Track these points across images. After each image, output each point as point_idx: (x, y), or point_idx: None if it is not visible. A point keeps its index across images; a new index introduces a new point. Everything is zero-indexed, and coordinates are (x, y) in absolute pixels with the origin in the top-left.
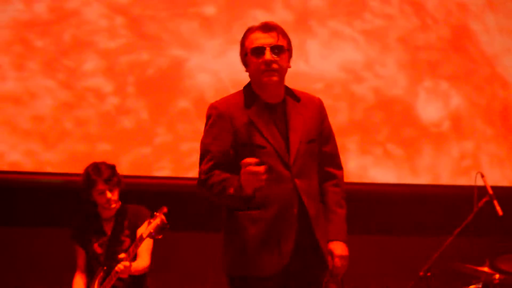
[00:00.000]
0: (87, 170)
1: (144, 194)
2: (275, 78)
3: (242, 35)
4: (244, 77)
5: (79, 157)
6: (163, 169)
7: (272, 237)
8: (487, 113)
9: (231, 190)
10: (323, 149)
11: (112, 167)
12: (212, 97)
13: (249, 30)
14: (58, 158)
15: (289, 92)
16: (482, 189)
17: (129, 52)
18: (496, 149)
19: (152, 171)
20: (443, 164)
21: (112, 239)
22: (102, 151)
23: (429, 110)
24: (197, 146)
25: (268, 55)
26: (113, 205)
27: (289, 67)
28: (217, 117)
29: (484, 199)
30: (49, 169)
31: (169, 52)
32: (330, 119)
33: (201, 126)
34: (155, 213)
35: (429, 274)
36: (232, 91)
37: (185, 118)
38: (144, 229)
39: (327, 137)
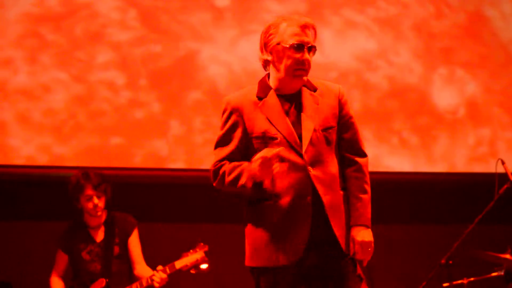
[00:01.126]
0: (76, 176)
1: (158, 186)
2: (305, 78)
3: (271, 22)
4: (256, 68)
5: (93, 150)
6: (177, 161)
7: (287, 227)
8: (503, 100)
9: (242, 181)
10: (344, 136)
11: (101, 175)
12: (224, 89)
13: (286, 21)
14: (72, 152)
15: (308, 82)
16: (502, 176)
17: (142, 45)
18: None
19: (166, 163)
20: (459, 151)
21: (104, 247)
22: (116, 144)
23: (444, 98)
24: (210, 137)
25: (306, 55)
26: (99, 213)
27: None
28: (230, 112)
29: (506, 186)
30: (63, 163)
31: (181, 44)
32: None
33: (214, 118)
34: (197, 247)
35: (450, 262)
36: (245, 82)
37: (198, 110)
38: (181, 261)
39: (347, 124)
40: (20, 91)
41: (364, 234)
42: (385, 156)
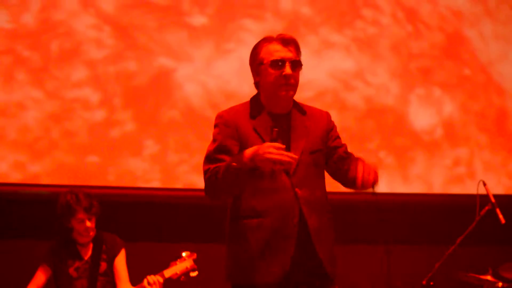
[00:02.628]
0: (65, 198)
1: (133, 205)
2: (291, 93)
3: (255, 45)
4: (232, 88)
5: (68, 168)
6: (152, 180)
7: (272, 246)
8: (481, 120)
9: (233, 164)
10: (339, 151)
11: (90, 196)
12: (200, 108)
13: (266, 40)
14: (46, 170)
15: (296, 105)
16: (482, 197)
17: (117, 62)
18: (491, 157)
19: (140, 182)
20: (436, 172)
21: (91, 264)
22: (90, 163)
23: (422, 118)
24: (185, 157)
25: (288, 69)
26: (91, 233)
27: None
28: (223, 125)
29: (487, 208)
30: (37, 181)
31: (157, 62)
32: None
33: (189, 137)
34: (185, 256)
35: (432, 283)
36: (221, 101)
37: (173, 128)
38: (171, 270)
39: (337, 142)
40: None
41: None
42: None
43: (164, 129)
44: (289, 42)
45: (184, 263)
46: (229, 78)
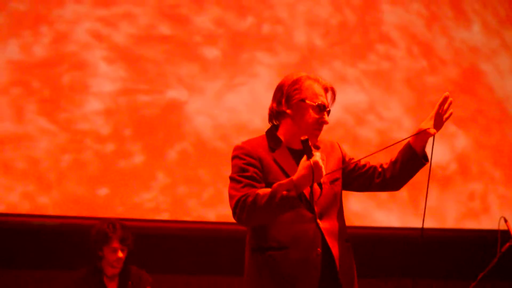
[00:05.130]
0: (101, 226)
1: (142, 237)
2: (319, 137)
3: (284, 77)
4: (243, 121)
5: (76, 200)
6: (162, 212)
7: (296, 277)
8: (495, 155)
9: (284, 193)
10: (365, 169)
11: (127, 228)
12: (211, 140)
13: (311, 79)
14: (55, 201)
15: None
16: (493, 232)
17: (128, 95)
18: (506, 191)
19: (150, 214)
20: (450, 207)
21: None
22: (100, 194)
23: (435, 153)
24: (195, 189)
25: (327, 118)
26: (121, 265)
27: None
28: (245, 155)
29: (508, 244)
30: (46, 212)
31: (168, 95)
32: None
33: (199, 169)
34: None
35: None
36: (231, 134)
37: (183, 161)
38: None
39: (359, 163)
40: (5, 139)
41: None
42: (373, 210)
43: (174, 161)
44: (330, 90)
45: None
46: (240, 111)
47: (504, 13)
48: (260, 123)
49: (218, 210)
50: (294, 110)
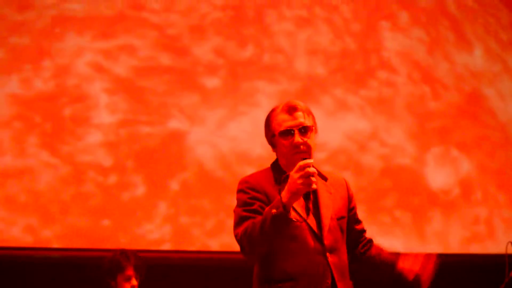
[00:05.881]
0: (114, 255)
1: (147, 268)
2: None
3: (266, 116)
4: (245, 150)
5: (79, 232)
6: (164, 243)
7: None
8: (499, 179)
9: (273, 211)
10: (356, 227)
11: (140, 257)
12: (212, 170)
13: (274, 112)
14: (58, 233)
15: (317, 171)
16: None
17: (129, 126)
18: (510, 215)
19: (153, 245)
20: (454, 231)
21: None
22: (102, 226)
23: (439, 177)
24: (198, 219)
25: (297, 138)
26: None
27: (316, 144)
28: (250, 189)
29: None
30: (48, 245)
31: (169, 125)
32: None
33: (201, 200)
34: None
35: None
36: (233, 163)
37: (186, 191)
38: None
39: (356, 216)
40: (7, 173)
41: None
42: (376, 235)
43: (177, 192)
44: (295, 108)
45: None
46: (241, 140)
47: (506, 37)
48: (261, 152)
49: (222, 240)
50: (275, 147)
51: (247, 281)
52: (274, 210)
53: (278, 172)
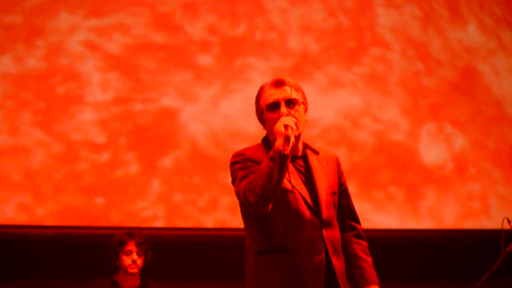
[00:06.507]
0: (120, 233)
1: None
2: (296, 133)
3: (256, 91)
4: (238, 127)
5: (72, 210)
6: (157, 220)
7: (302, 281)
8: (493, 155)
9: (271, 154)
10: (343, 202)
11: (145, 237)
12: (205, 147)
13: (262, 89)
14: (51, 211)
15: (307, 146)
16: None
17: (122, 104)
18: (505, 191)
19: (146, 222)
20: (448, 207)
21: None
22: (95, 204)
23: (432, 153)
24: (191, 196)
25: (283, 109)
26: (136, 270)
27: (307, 120)
28: (246, 160)
29: None
30: (42, 223)
31: (162, 103)
32: None
33: (194, 177)
34: None
35: None
36: (226, 141)
37: (179, 168)
38: None
39: (345, 191)
40: (0, 151)
41: None
42: (370, 212)
43: (170, 169)
44: (281, 82)
45: None
46: (234, 118)
47: (501, 12)
48: (254, 129)
49: (215, 216)
50: (264, 123)
51: (241, 258)
52: (271, 153)
53: (269, 147)
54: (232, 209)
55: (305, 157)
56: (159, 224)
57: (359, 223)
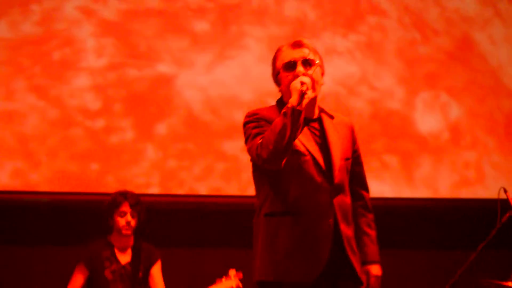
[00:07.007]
0: (114, 194)
1: None
2: (312, 94)
3: (273, 54)
4: (233, 94)
5: (67, 176)
6: (152, 187)
7: (308, 244)
8: (489, 124)
9: (284, 110)
10: (355, 169)
11: (139, 198)
12: (201, 114)
13: (279, 50)
14: (45, 177)
15: (323, 110)
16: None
17: (117, 70)
18: (500, 160)
19: (141, 188)
20: (443, 176)
21: (128, 269)
22: (90, 170)
23: (428, 122)
24: (186, 163)
25: (300, 68)
26: (129, 231)
27: (323, 83)
28: (258, 119)
29: (508, 214)
30: (36, 188)
31: (157, 69)
32: None
33: (189, 143)
34: (230, 273)
35: None
36: (222, 107)
37: (174, 135)
38: (217, 286)
39: (358, 158)
40: None
41: (378, 270)
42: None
43: (165, 136)
44: (299, 43)
45: (229, 282)
46: (230, 84)
47: None
48: (250, 96)
49: (209, 183)
50: (280, 84)
51: (235, 225)
52: (284, 109)
53: (283, 108)
54: (226, 176)
55: (320, 121)
56: (153, 190)
57: (367, 191)
